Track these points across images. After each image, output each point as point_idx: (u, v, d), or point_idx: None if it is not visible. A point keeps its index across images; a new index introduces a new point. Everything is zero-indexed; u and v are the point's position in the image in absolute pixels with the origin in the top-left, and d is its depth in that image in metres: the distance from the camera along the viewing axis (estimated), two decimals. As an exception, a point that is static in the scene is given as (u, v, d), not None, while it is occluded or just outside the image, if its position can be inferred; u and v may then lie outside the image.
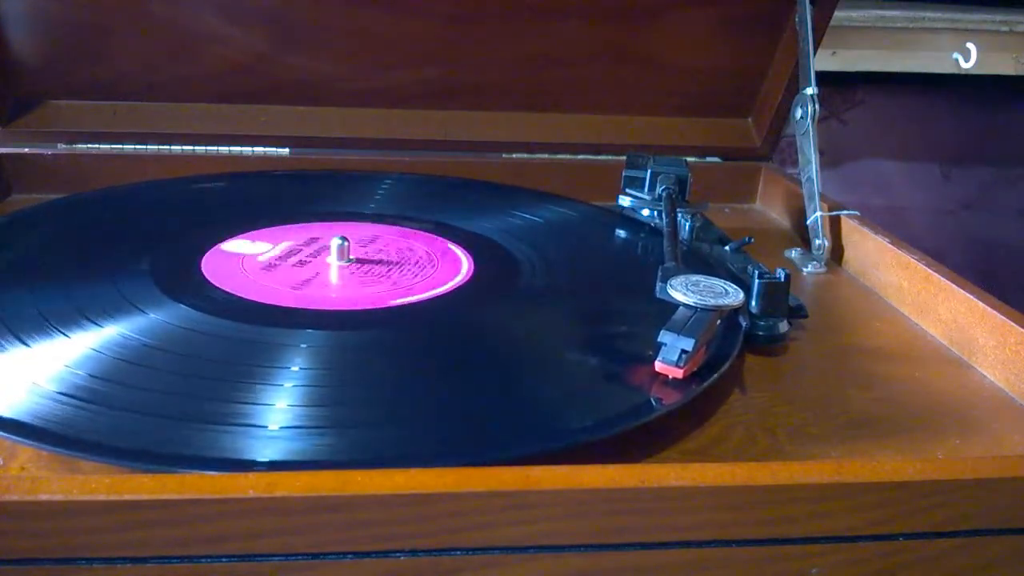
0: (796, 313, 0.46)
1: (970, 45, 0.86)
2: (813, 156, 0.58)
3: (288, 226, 0.53)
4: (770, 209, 0.69)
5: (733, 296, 0.39)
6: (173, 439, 0.31)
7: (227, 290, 0.43)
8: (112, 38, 0.61)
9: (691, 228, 0.54)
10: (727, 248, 0.54)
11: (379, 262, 0.48)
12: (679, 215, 0.53)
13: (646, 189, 0.57)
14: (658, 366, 0.37)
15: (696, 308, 0.38)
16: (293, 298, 0.43)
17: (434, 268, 0.48)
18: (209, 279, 0.45)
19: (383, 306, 0.43)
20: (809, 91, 0.58)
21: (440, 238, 0.52)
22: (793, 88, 0.62)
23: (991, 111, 0.96)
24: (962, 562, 0.31)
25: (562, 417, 0.35)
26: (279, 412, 0.33)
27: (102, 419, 0.32)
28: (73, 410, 0.32)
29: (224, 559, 0.27)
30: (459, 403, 0.36)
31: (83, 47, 0.61)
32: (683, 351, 0.36)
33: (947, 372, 0.44)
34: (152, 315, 0.40)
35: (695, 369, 0.37)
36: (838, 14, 0.65)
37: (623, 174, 0.58)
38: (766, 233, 0.64)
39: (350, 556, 0.27)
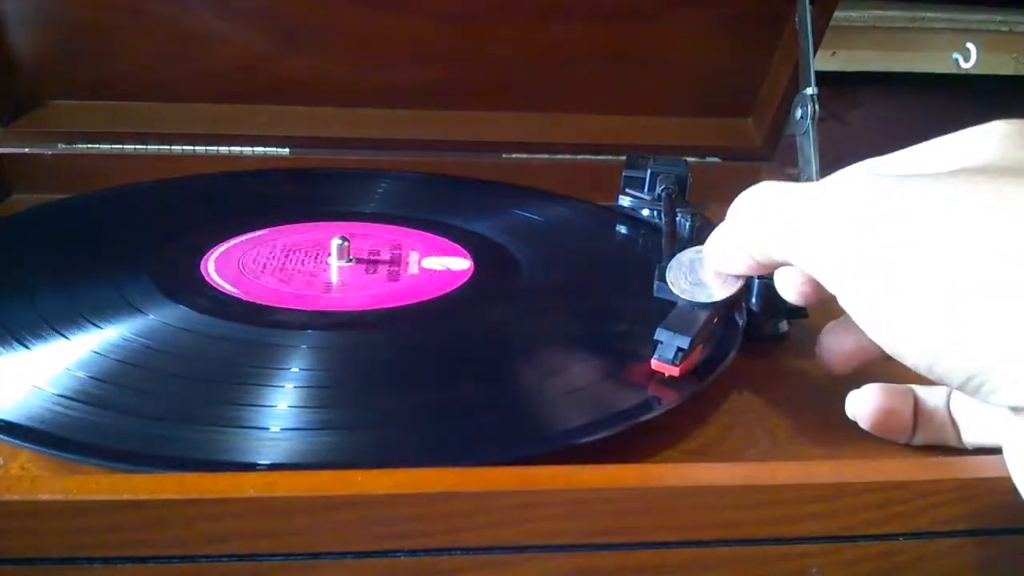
0: (796, 313, 0.46)
1: (970, 45, 0.86)
2: (813, 156, 0.58)
3: (288, 226, 0.53)
4: (770, 209, 0.69)
5: (731, 294, 0.39)
6: (174, 441, 0.31)
7: (227, 291, 0.43)
8: (112, 38, 0.61)
9: (691, 228, 0.54)
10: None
11: (379, 262, 0.48)
12: (679, 215, 0.53)
13: (646, 189, 0.57)
14: (654, 364, 0.37)
15: (693, 306, 0.38)
16: (293, 298, 0.43)
17: (434, 268, 0.48)
18: (209, 280, 0.45)
19: (383, 306, 0.43)
20: (809, 91, 0.58)
21: (440, 238, 0.52)
22: (793, 88, 0.62)
23: (991, 111, 0.95)
24: (962, 562, 0.31)
25: (562, 416, 0.35)
26: (280, 413, 0.33)
27: (102, 422, 0.32)
28: (73, 412, 0.32)
29: (224, 559, 0.27)
30: (459, 403, 0.36)
31: (83, 47, 0.61)
32: (679, 348, 0.36)
33: (947, 372, 0.44)
34: (152, 316, 0.40)
35: (692, 367, 0.37)
36: (838, 14, 0.65)
37: (623, 174, 0.58)
38: (766, 233, 0.64)
39: (350, 556, 0.27)
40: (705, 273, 0.39)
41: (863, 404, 0.36)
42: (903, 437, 0.36)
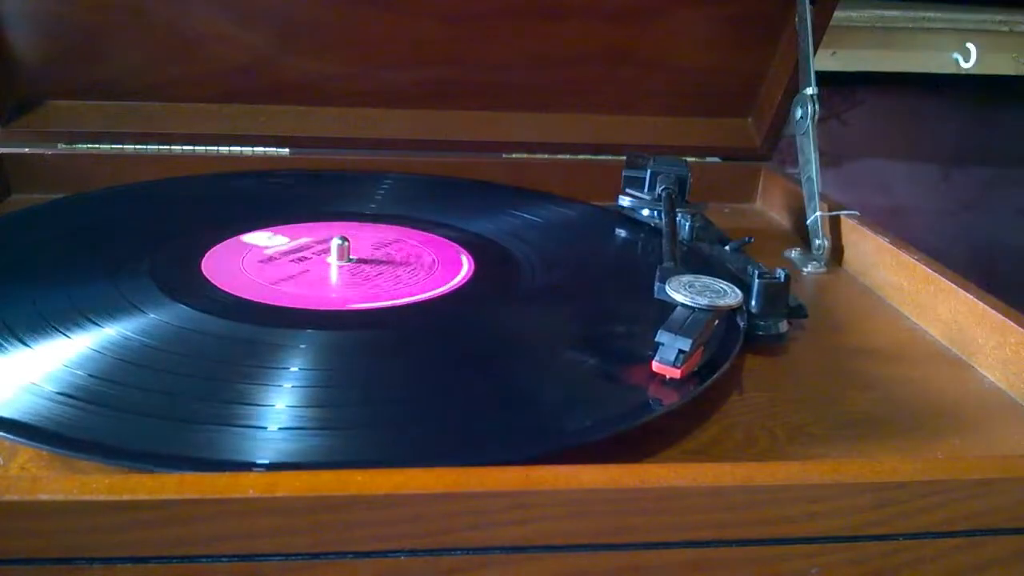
0: (796, 313, 0.46)
1: (970, 45, 0.86)
2: (813, 156, 0.58)
3: (288, 226, 0.53)
4: (770, 209, 0.69)
5: (731, 296, 0.39)
6: (173, 440, 0.31)
7: (227, 290, 0.43)
8: (112, 38, 0.61)
9: (691, 228, 0.54)
10: (727, 248, 0.54)
11: (379, 262, 0.48)
12: (679, 215, 0.53)
13: (646, 189, 0.57)
14: (655, 366, 0.37)
15: (694, 308, 0.38)
16: (293, 298, 0.43)
17: (434, 268, 0.48)
18: (209, 279, 0.45)
19: (383, 306, 0.43)
20: (809, 91, 0.58)
21: (440, 238, 0.52)
22: (793, 88, 0.62)
23: (991, 111, 0.96)
24: (962, 562, 0.31)
25: (561, 417, 0.35)
26: (279, 412, 0.33)
27: (102, 419, 0.32)
28: (73, 410, 0.32)
29: (224, 559, 0.27)
30: (459, 403, 0.36)
31: (83, 47, 0.61)
32: (680, 351, 0.36)
33: (947, 372, 0.44)
34: (152, 315, 0.40)
35: (693, 369, 0.37)
36: (838, 14, 0.65)
37: (623, 174, 0.58)
38: (766, 233, 0.64)
39: (350, 556, 0.27)
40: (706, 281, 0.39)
41: None
42: None
